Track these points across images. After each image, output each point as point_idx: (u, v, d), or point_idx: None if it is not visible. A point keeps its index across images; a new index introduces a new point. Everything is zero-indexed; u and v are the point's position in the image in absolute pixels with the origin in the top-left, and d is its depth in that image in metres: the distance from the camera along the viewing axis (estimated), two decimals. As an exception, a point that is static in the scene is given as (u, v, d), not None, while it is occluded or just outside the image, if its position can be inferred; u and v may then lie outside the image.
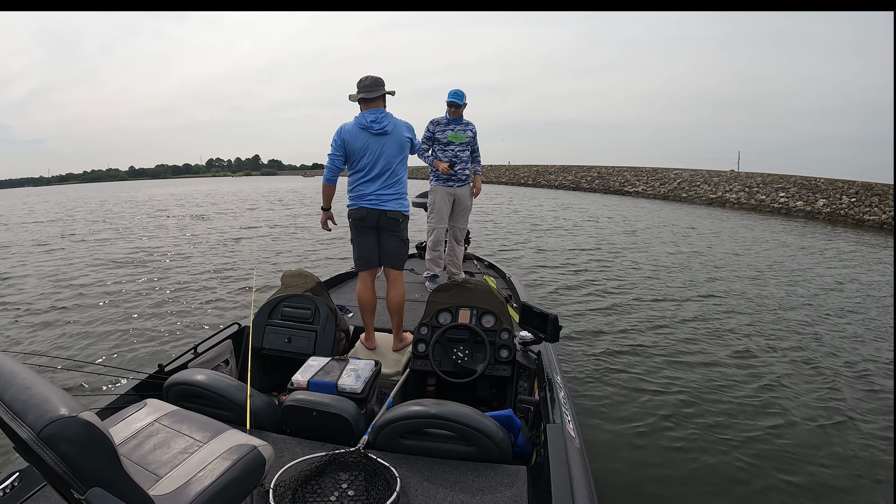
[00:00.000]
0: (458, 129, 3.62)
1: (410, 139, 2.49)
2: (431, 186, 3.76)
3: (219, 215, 16.09)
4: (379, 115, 2.37)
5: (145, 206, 21.94)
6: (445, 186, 3.69)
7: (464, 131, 3.64)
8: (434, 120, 3.63)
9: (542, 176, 33.20)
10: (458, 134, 3.62)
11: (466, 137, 3.64)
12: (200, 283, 6.50)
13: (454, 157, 3.62)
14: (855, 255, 8.74)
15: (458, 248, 3.85)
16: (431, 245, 3.78)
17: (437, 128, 3.61)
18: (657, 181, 24.38)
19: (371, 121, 2.36)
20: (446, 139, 3.61)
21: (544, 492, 1.29)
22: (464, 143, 3.64)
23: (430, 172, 3.77)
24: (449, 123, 3.61)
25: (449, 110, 3.59)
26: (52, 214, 19.14)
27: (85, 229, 13.18)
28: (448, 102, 3.57)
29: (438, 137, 3.61)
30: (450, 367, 2.20)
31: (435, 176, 3.71)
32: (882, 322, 4.80)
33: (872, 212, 14.63)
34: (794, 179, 19.00)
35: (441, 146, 3.62)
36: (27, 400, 0.84)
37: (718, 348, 4.04)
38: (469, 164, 3.74)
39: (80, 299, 5.78)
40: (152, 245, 9.88)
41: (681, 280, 6.48)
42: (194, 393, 1.71)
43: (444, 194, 3.68)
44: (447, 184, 3.68)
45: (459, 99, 3.54)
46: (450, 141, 3.61)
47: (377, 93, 2.40)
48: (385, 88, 2.42)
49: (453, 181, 3.68)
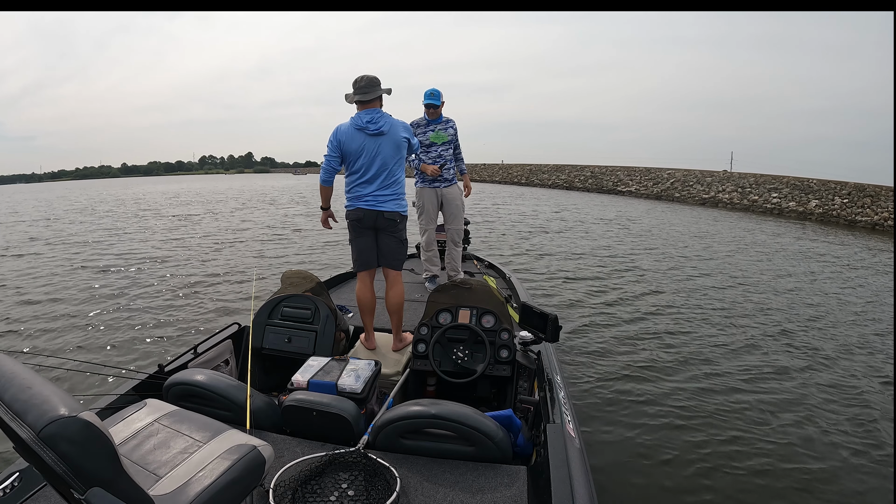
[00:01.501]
0: (438, 129, 3.57)
1: (408, 139, 2.47)
2: (417, 189, 3.71)
3: (217, 214, 16.09)
4: (375, 115, 2.36)
5: (141, 203, 21.93)
6: (432, 188, 3.66)
7: (444, 130, 3.58)
8: (413, 122, 3.55)
9: (536, 175, 33.24)
10: (440, 134, 3.57)
11: (448, 136, 3.59)
12: (200, 282, 6.50)
13: (438, 158, 3.58)
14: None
15: (456, 249, 3.83)
16: (425, 246, 3.80)
17: (418, 130, 3.55)
18: (650, 181, 24.41)
19: (367, 121, 2.35)
20: (428, 140, 3.56)
21: (544, 492, 1.28)
22: (446, 143, 3.60)
23: (416, 174, 3.72)
24: (429, 124, 3.56)
25: (427, 111, 3.54)
26: (52, 213, 19.14)
27: (83, 228, 13.17)
28: (425, 105, 3.52)
29: (420, 139, 3.54)
30: (450, 367, 2.20)
31: (420, 178, 3.67)
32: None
33: (865, 213, 14.65)
34: (786, 180, 19.03)
35: (423, 148, 3.58)
36: (27, 400, 0.84)
37: (720, 348, 4.04)
38: (453, 162, 3.69)
39: (80, 299, 5.77)
40: (152, 245, 9.88)
41: (681, 279, 6.48)
42: (194, 393, 1.71)
43: (432, 195, 3.67)
44: (433, 185, 3.65)
45: (436, 99, 3.50)
46: (432, 142, 3.57)
47: (373, 94, 2.38)
48: (381, 88, 2.40)
49: (439, 182, 3.64)
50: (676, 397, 3.19)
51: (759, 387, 3.34)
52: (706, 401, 3.15)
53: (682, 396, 3.20)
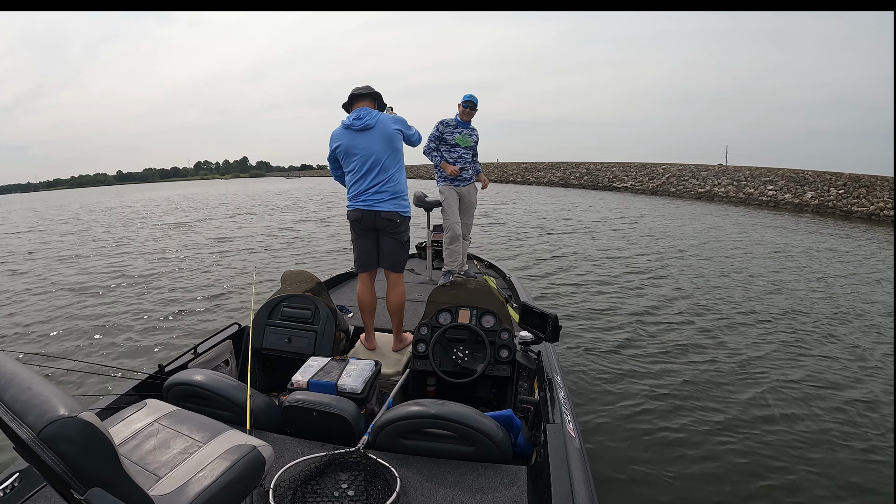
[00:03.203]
0: (465, 133, 3.80)
1: (400, 130, 2.43)
2: (440, 187, 3.96)
3: (215, 218, 16.09)
4: (362, 112, 2.38)
5: (138, 208, 21.96)
6: (452, 186, 3.90)
7: (470, 136, 3.83)
8: (444, 121, 3.78)
9: (531, 173, 33.31)
10: (466, 138, 3.80)
11: (472, 142, 3.83)
12: (200, 283, 6.51)
13: (459, 159, 3.82)
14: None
15: (465, 242, 4.13)
16: (448, 242, 3.97)
17: (447, 129, 3.77)
18: (646, 176, 24.44)
19: (353, 118, 2.38)
20: (454, 141, 3.78)
21: (544, 492, 1.28)
22: (469, 147, 3.84)
23: (436, 173, 3.95)
24: (458, 126, 3.78)
25: (464, 111, 3.76)
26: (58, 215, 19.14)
27: (84, 231, 13.18)
28: (465, 102, 3.74)
29: (446, 138, 3.77)
30: (450, 367, 2.20)
31: (441, 176, 3.90)
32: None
33: (860, 203, 14.70)
34: (782, 172, 19.07)
35: (448, 147, 3.80)
36: (27, 400, 0.84)
37: (722, 349, 4.04)
38: (473, 166, 3.96)
39: (80, 300, 5.78)
40: (151, 247, 9.88)
41: (682, 278, 6.47)
42: (194, 393, 1.71)
43: (453, 192, 3.91)
44: (454, 183, 3.90)
45: (475, 102, 3.74)
46: (457, 143, 3.79)
47: (364, 92, 2.46)
48: (375, 92, 2.48)
49: (459, 181, 3.91)
50: (677, 397, 3.18)
51: (764, 387, 3.33)
52: (711, 401, 3.14)
53: (684, 396, 3.20)
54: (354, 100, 2.47)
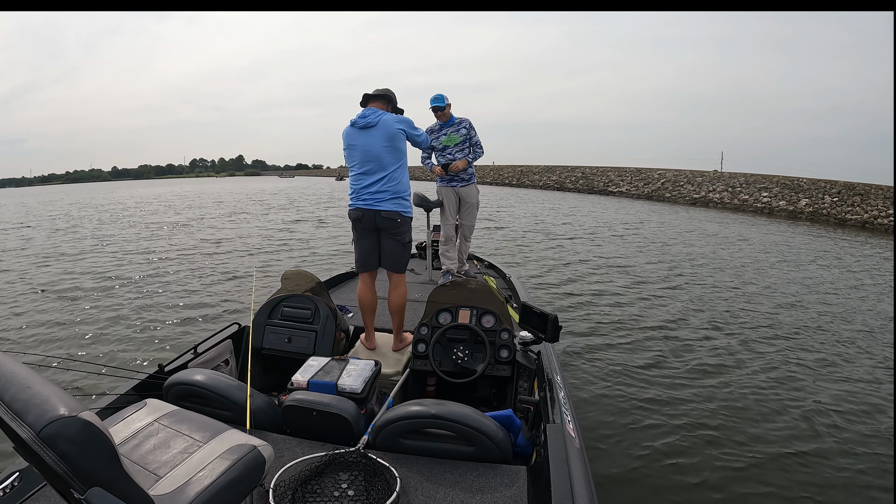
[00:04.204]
0: (450, 132, 3.79)
1: (404, 130, 2.41)
2: (437, 187, 3.99)
3: (215, 217, 16.08)
4: (368, 111, 2.40)
5: (137, 205, 21.94)
6: (450, 187, 3.91)
7: (456, 131, 3.79)
8: (429, 128, 3.82)
9: (527, 176, 33.26)
10: (451, 136, 3.79)
11: (460, 137, 3.80)
12: (200, 283, 6.50)
13: (452, 158, 3.82)
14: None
15: (466, 243, 4.12)
16: (443, 241, 4.00)
17: (432, 135, 3.80)
18: (641, 181, 24.44)
19: (358, 116, 2.41)
20: (441, 144, 3.81)
21: (544, 492, 1.28)
22: (459, 143, 3.81)
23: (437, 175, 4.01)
24: (441, 129, 3.80)
25: (436, 115, 3.77)
26: (55, 212, 19.13)
27: (85, 230, 13.17)
28: (432, 109, 3.74)
29: (434, 145, 3.83)
30: (450, 367, 2.20)
31: (440, 178, 3.95)
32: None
33: (854, 211, 14.69)
34: (776, 179, 19.04)
35: (438, 152, 3.85)
36: (27, 400, 0.84)
37: (722, 349, 4.04)
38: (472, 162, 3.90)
39: (80, 300, 5.77)
40: (151, 246, 9.88)
41: (682, 281, 6.48)
42: (194, 393, 1.70)
43: (451, 193, 3.91)
44: (451, 184, 3.90)
45: (441, 101, 3.69)
46: (445, 145, 3.81)
47: (378, 92, 2.48)
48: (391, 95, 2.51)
49: (457, 181, 3.89)
50: (677, 397, 3.19)
51: (764, 388, 3.34)
52: (711, 401, 3.15)
53: (684, 396, 3.20)
54: (367, 100, 2.49)
